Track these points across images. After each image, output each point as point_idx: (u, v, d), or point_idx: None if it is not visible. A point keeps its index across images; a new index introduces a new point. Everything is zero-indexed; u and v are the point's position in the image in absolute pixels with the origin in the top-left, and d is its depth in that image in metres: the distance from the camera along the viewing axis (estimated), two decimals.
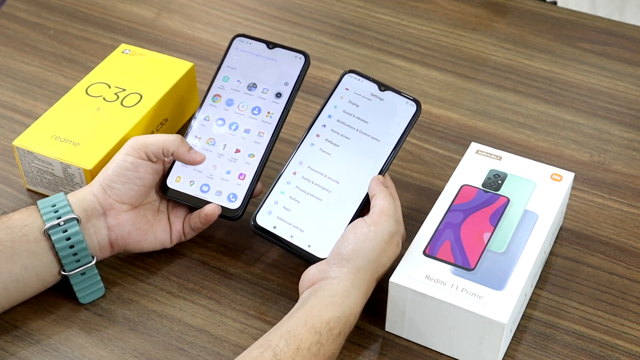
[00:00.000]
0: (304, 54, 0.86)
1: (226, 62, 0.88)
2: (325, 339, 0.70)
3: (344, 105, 0.84)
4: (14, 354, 0.77)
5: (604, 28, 1.16)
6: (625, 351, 0.77)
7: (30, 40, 1.14)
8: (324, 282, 0.74)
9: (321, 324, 0.71)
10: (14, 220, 0.77)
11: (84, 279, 0.79)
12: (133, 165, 0.80)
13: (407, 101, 0.83)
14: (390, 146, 0.81)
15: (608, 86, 1.07)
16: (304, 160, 0.82)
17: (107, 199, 0.80)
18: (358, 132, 0.83)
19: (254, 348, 0.69)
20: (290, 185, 0.81)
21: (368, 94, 0.84)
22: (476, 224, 0.80)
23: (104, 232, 0.80)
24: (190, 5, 1.21)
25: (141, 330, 0.79)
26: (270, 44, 0.88)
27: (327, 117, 0.84)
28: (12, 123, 1.01)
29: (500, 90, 1.07)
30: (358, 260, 0.74)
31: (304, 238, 0.79)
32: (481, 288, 0.74)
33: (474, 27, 1.17)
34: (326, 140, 0.83)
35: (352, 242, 0.75)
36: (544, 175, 0.84)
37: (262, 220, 0.81)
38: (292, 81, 0.86)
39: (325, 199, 0.80)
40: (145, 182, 0.81)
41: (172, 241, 0.84)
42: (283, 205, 0.81)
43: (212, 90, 0.87)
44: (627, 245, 0.87)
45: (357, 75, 0.85)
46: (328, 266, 0.75)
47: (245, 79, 0.87)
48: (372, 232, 0.75)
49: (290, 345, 0.69)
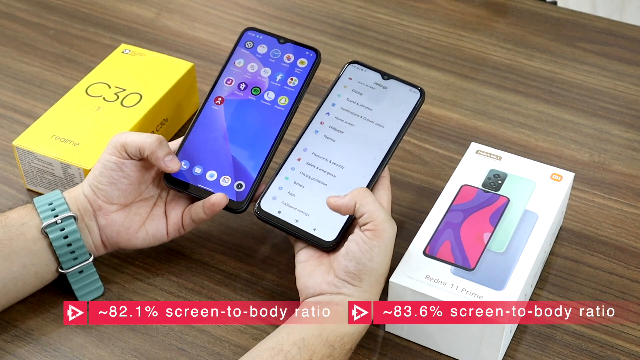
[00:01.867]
0: (316, 51, 0.86)
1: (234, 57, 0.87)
2: (338, 353, 0.70)
3: (347, 94, 0.84)
4: (13, 353, 0.77)
5: (604, 28, 1.16)
6: (625, 351, 0.77)
7: (30, 40, 1.14)
8: (336, 297, 0.73)
9: (335, 338, 0.70)
10: (12, 218, 0.77)
11: (82, 277, 0.79)
12: (117, 165, 0.79)
13: (411, 89, 0.83)
14: (395, 132, 0.81)
15: (608, 86, 1.07)
16: (308, 147, 0.82)
17: (96, 200, 0.79)
18: (362, 119, 0.82)
19: (264, 350, 0.69)
20: (295, 171, 0.81)
21: (372, 83, 0.84)
22: (476, 224, 0.80)
23: (96, 232, 0.80)
24: (190, 5, 1.21)
25: (141, 330, 0.79)
26: (282, 39, 0.87)
27: (331, 105, 0.84)
28: (12, 123, 1.01)
29: (500, 90, 1.07)
30: (370, 277, 0.73)
31: (309, 222, 0.78)
32: (481, 288, 0.74)
33: (474, 27, 1.17)
34: (330, 127, 0.83)
35: (358, 261, 0.73)
36: (544, 175, 0.84)
37: (266, 206, 0.80)
38: (302, 77, 0.85)
39: (330, 183, 0.80)
40: (132, 180, 0.80)
41: (169, 235, 0.82)
42: (287, 191, 0.80)
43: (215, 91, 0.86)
44: (627, 245, 0.87)
45: (360, 65, 0.85)
46: (339, 282, 0.73)
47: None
48: (376, 247, 0.73)
49: (303, 354, 0.68)
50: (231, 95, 0.85)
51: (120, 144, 0.78)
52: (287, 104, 0.84)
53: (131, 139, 0.78)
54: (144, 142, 0.78)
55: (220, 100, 0.85)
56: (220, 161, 0.83)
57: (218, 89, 0.85)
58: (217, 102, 0.85)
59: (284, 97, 0.85)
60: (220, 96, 0.85)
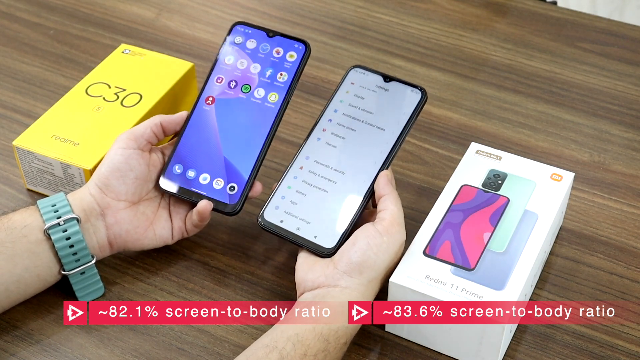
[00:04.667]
0: (305, 43, 0.86)
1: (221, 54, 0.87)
2: (333, 347, 0.71)
3: (349, 99, 0.84)
4: (14, 354, 0.77)
5: (604, 28, 1.16)
6: (625, 351, 0.77)
7: (30, 40, 1.14)
8: (333, 290, 0.73)
9: (329, 332, 0.71)
10: (14, 220, 0.77)
11: (84, 278, 0.79)
12: (124, 157, 0.80)
13: (412, 89, 0.83)
14: (396, 134, 0.81)
15: (608, 86, 1.07)
16: (310, 155, 0.82)
17: (104, 198, 0.80)
18: (363, 124, 0.82)
19: (260, 348, 0.69)
20: (297, 179, 0.81)
21: (373, 86, 0.84)
22: (476, 224, 0.80)
23: (102, 232, 0.80)
24: (190, 5, 1.21)
25: (141, 330, 0.79)
26: (271, 32, 0.87)
27: (333, 112, 0.84)
28: (12, 123, 1.01)
29: (500, 90, 1.07)
30: (371, 272, 0.74)
31: (310, 230, 0.79)
32: (481, 288, 0.74)
33: (474, 27, 1.17)
34: (332, 134, 0.83)
35: (364, 252, 0.74)
36: (544, 175, 0.84)
37: (269, 216, 0.80)
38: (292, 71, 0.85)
39: (331, 190, 0.80)
40: (139, 175, 0.81)
41: (173, 238, 0.83)
42: (290, 200, 0.81)
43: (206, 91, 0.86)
44: (627, 245, 0.87)
45: (363, 69, 0.85)
46: (337, 273, 0.74)
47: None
48: (384, 243, 0.74)
49: (298, 349, 0.69)
50: (222, 94, 0.85)
51: (126, 135, 0.81)
52: (277, 100, 0.84)
53: (136, 126, 0.82)
54: (149, 120, 0.83)
55: (211, 100, 0.85)
56: (213, 163, 0.83)
57: (209, 88, 0.86)
58: (208, 102, 0.85)
59: (273, 94, 0.84)
60: (211, 96, 0.85)
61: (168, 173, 0.83)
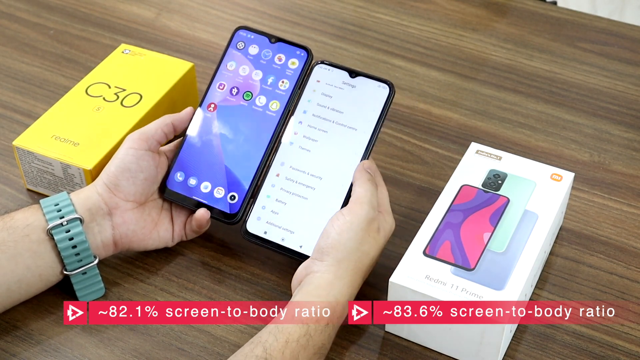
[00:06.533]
0: (307, 50, 0.86)
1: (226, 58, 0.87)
2: (314, 330, 0.71)
3: (317, 99, 0.83)
4: (14, 354, 0.77)
5: (604, 28, 1.16)
6: (625, 351, 0.77)
7: (30, 40, 1.14)
8: (308, 277, 0.75)
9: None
10: (17, 220, 0.77)
11: (85, 278, 0.79)
12: (135, 158, 0.80)
13: (379, 84, 0.82)
14: (368, 134, 0.81)
15: (608, 86, 1.07)
16: (285, 161, 0.82)
17: (113, 198, 0.80)
18: (334, 124, 0.82)
19: (246, 345, 0.70)
20: (275, 187, 0.81)
21: (339, 83, 0.83)
22: (476, 224, 0.80)
23: (108, 231, 0.80)
24: (190, 5, 1.21)
25: (141, 330, 0.79)
26: (273, 38, 0.87)
27: (302, 113, 0.83)
28: (12, 123, 1.01)
29: (500, 90, 1.07)
30: (338, 252, 0.75)
31: (295, 239, 0.79)
32: (481, 288, 0.74)
33: (474, 27, 1.17)
34: (304, 137, 0.82)
35: (330, 235, 0.75)
36: (544, 175, 0.84)
37: (252, 227, 0.81)
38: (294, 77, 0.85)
39: (310, 197, 0.80)
40: (148, 175, 0.82)
41: (173, 240, 0.84)
42: (271, 209, 0.81)
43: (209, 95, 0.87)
44: (627, 245, 0.87)
45: (327, 65, 0.84)
46: (311, 261, 0.76)
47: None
48: (347, 222, 0.75)
49: (279, 338, 0.69)
50: (223, 101, 0.86)
51: (137, 135, 0.82)
52: (278, 109, 0.84)
53: (146, 126, 0.83)
54: (160, 120, 0.83)
55: (213, 107, 0.86)
56: (214, 172, 0.83)
57: (211, 95, 0.86)
58: (210, 109, 0.85)
59: (275, 102, 0.84)
60: (213, 102, 0.86)
61: (170, 180, 0.84)
